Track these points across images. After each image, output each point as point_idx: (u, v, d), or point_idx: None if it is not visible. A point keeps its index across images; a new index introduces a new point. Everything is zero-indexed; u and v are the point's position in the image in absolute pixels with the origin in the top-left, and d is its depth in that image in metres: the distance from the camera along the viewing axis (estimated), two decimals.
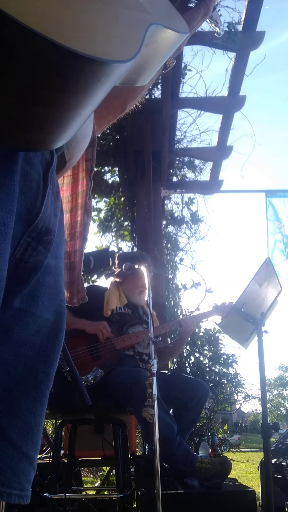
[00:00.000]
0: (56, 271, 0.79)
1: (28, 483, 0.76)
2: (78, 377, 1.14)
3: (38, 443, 0.78)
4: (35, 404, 0.76)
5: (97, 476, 4.88)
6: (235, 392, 4.66)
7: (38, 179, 0.70)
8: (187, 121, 5.30)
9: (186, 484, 2.22)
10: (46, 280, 0.77)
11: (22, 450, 0.74)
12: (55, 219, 0.76)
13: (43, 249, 0.74)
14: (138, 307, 2.79)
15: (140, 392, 2.03)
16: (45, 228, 0.73)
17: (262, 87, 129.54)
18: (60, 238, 0.82)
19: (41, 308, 0.76)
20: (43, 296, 0.76)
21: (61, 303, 0.81)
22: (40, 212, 0.71)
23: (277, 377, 43.71)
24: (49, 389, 0.79)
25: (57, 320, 0.80)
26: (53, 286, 0.79)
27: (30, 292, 0.75)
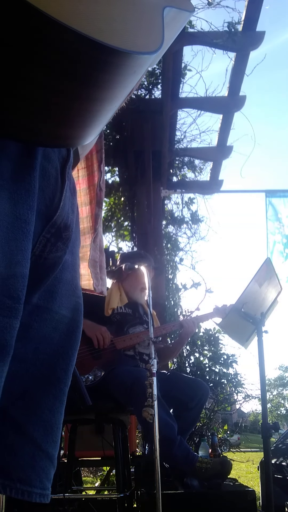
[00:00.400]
0: (73, 267, 0.79)
1: (49, 482, 0.75)
2: (78, 377, 1.14)
3: (58, 441, 0.77)
4: (54, 401, 0.76)
5: (97, 476, 4.88)
6: (235, 392, 4.66)
7: (56, 175, 0.70)
8: (187, 121, 5.31)
9: (186, 484, 2.22)
10: (64, 276, 0.77)
11: (42, 448, 0.74)
12: (72, 215, 0.76)
13: (62, 245, 0.74)
14: (138, 307, 2.79)
15: (140, 392, 2.03)
16: (64, 224, 0.73)
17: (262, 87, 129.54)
18: (76, 235, 0.82)
19: (58, 305, 0.76)
20: (60, 292, 0.76)
21: (78, 300, 0.81)
22: (59, 208, 0.71)
23: (277, 377, 43.74)
24: (67, 386, 0.79)
25: (74, 316, 0.80)
26: (70, 283, 0.78)
27: (48, 288, 0.75)
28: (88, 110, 0.56)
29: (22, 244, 0.63)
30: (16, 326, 0.63)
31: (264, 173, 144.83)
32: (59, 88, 0.52)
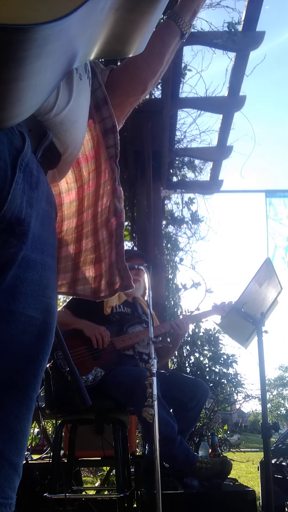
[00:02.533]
0: (42, 266, 0.74)
1: (12, 491, 0.70)
2: (78, 377, 1.14)
3: (24, 449, 0.73)
4: (21, 407, 0.72)
5: (97, 476, 4.88)
6: (235, 392, 4.66)
7: (4, 167, 0.67)
8: (187, 121, 5.31)
9: (186, 484, 2.22)
10: (29, 276, 0.72)
11: (4, 456, 0.69)
12: (30, 209, 0.71)
13: (15, 241, 0.69)
14: (137, 306, 2.79)
15: (141, 391, 2.03)
16: (15, 219, 0.69)
17: (262, 87, 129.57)
18: (48, 232, 0.77)
19: (23, 305, 0.71)
20: (25, 292, 0.71)
21: (49, 301, 0.76)
22: (7, 201, 0.67)
23: (277, 377, 43.72)
24: (37, 392, 0.75)
25: (45, 318, 0.75)
26: (38, 282, 0.73)
27: (9, 289, 0.69)
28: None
29: None
30: None
31: (264, 173, 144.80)
32: None
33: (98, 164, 1.00)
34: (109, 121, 0.98)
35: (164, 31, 1.07)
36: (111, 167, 0.97)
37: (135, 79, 1.07)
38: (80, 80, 0.85)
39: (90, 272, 1.01)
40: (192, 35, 3.71)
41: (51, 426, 4.54)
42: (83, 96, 0.87)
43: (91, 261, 1.01)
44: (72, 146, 0.86)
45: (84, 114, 0.89)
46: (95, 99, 0.97)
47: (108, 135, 0.98)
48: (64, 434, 2.76)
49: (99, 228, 1.00)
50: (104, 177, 0.99)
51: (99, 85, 0.98)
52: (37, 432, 4.81)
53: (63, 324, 2.48)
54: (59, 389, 2.24)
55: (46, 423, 4.40)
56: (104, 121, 0.98)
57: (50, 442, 3.96)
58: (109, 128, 0.98)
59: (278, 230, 4.80)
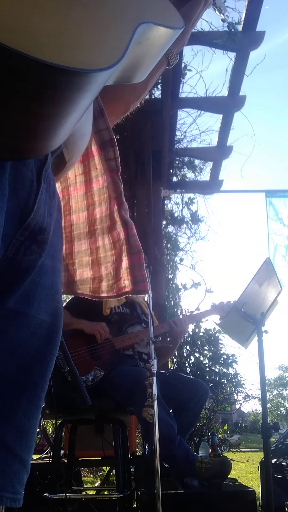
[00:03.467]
0: (53, 272, 0.78)
1: (21, 486, 0.74)
2: (78, 377, 1.14)
3: (32, 446, 0.76)
4: (30, 406, 0.75)
5: (97, 476, 4.88)
6: (235, 392, 4.66)
7: (31, 177, 0.70)
8: (187, 121, 5.31)
9: (186, 484, 2.22)
10: (42, 281, 0.76)
11: (15, 452, 0.72)
12: (49, 218, 0.75)
13: (37, 249, 0.73)
14: (136, 306, 2.79)
15: (141, 391, 2.03)
16: (39, 227, 0.72)
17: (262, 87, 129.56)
18: (58, 239, 0.81)
19: (36, 309, 0.75)
20: (39, 297, 0.75)
21: (57, 304, 0.79)
22: (33, 211, 0.70)
23: (277, 377, 43.73)
24: (44, 391, 0.78)
25: (54, 321, 0.79)
26: (50, 287, 0.77)
27: (25, 293, 0.73)
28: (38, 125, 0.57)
29: None
30: None
31: (264, 173, 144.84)
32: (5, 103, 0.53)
33: (86, 169, 1.01)
34: (106, 134, 1.00)
35: None
36: (114, 181, 1.00)
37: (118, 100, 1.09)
38: None
39: (88, 273, 1.04)
40: (192, 35, 3.71)
41: (51, 426, 4.54)
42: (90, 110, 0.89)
43: (87, 263, 1.03)
44: (76, 157, 0.89)
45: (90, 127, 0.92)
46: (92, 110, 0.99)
47: (107, 148, 0.99)
48: (64, 434, 2.76)
49: (98, 233, 1.02)
50: (98, 184, 1.01)
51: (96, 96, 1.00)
52: (37, 432, 4.81)
53: (62, 325, 2.48)
54: (59, 389, 2.24)
55: (46, 423, 4.41)
56: (100, 133, 1.00)
57: (50, 442, 3.96)
58: (106, 140, 1.00)
59: (279, 229, 4.80)
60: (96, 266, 1.03)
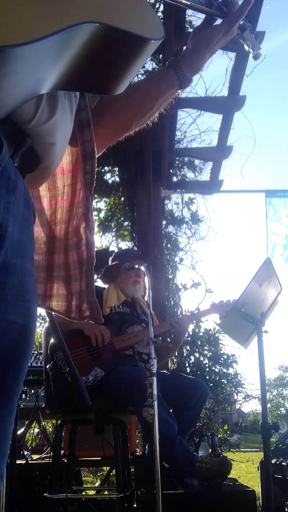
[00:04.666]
0: (21, 271, 0.75)
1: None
2: (78, 377, 1.14)
3: (5, 452, 0.73)
4: (2, 410, 0.72)
5: (97, 476, 4.88)
6: (235, 392, 4.67)
7: None
8: (187, 121, 5.30)
9: (186, 484, 2.22)
10: (9, 281, 0.73)
11: None
12: (6, 214, 0.71)
13: None
14: (136, 306, 2.79)
15: (141, 391, 2.03)
16: None
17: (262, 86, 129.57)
18: (27, 236, 0.78)
19: (4, 311, 0.72)
20: (5, 298, 0.72)
21: (29, 305, 0.76)
22: None
23: (277, 377, 43.71)
24: (17, 395, 0.75)
25: (26, 322, 0.76)
26: (18, 287, 0.74)
27: None
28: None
29: None
30: None
31: (264, 173, 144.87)
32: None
33: (74, 180, 0.99)
34: (89, 145, 0.97)
35: (163, 79, 1.06)
36: (86, 195, 0.97)
37: (121, 114, 1.06)
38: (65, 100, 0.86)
39: (63, 289, 1.01)
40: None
41: (51, 426, 4.54)
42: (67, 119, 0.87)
43: (63, 278, 1.01)
44: (47, 162, 0.87)
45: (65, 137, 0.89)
46: (79, 119, 0.97)
47: (86, 160, 0.97)
48: (64, 434, 2.76)
49: (70, 248, 1.00)
50: (79, 197, 0.99)
51: (85, 106, 0.98)
52: (37, 432, 4.81)
53: (62, 325, 2.47)
54: (59, 389, 2.24)
55: (46, 423, 4.41)
56: (85, 144, 0.98)
57: (50, 442, 3.96)
58: (88, 152, 0.97)
59: (278, 228, 4.81)
60: (68, 283, 1.01)
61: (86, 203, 0.97)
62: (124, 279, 2.78)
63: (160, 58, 3.76)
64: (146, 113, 1.06)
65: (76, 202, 1.00)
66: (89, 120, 0.98)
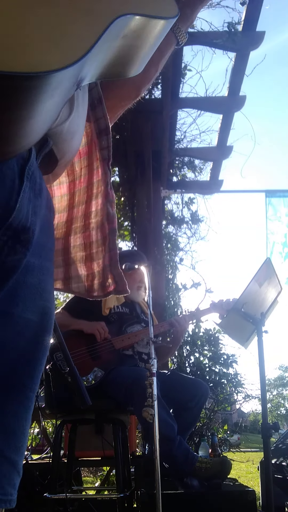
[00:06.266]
0: (40, 270, 0.76)
1: (12, 487, 0.72)
2: (78, 377, 1.14)
3: (23, 447, 0.75)
4: (19, 407, 0.74)
5: (97, 476, 4.88)
6: (235, 392, 4.66)
7: (13, 176, 0.68)
8: (187, 121, 5.31)
9: (186, 484, 2.22)
10: (28, 280, 0.74)
11: (4, 454, 0.71)
12: (34, 217, 0.73)
13: (21, 248, 0.71)
14: (135, 306, 2.79)
15: (141, 391, 2.03)
16: (22, 227, 0.70)
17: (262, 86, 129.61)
18: (47, 237, 0.79)
19: (22, 309, 0.73)
20: (24, 296, 0.73)
21: (46, 303, 0.78)
22: (15, 210, 0.68)
23: (277, 377, 43.71)
24: (34, 392, 0.76)
25: (42, 321, 0.77)
26: (36, 286, 0.75)
27: (9, 292, 0.71)
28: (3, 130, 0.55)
29: None
30: None
31: (264, 173, 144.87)
32: None
33: (90, 161, 1.00)
34: (103, 122, 0.98)
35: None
36: (104, 170, 0.98)
37: (129, 84, 1.06)
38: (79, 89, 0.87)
39: (82, 270, 1.02)
40: (192, 35, 3.71)
41: (51, 426, 4.54)
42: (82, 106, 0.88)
43: (81, 259, 1.01)
44: (68, 154, 0.87)
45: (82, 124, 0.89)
46: (91, 98, 0.97)
47: (102, 136, 0.97)
48: (64, 434, 2.76)
49: (92, 227, 1.01)
50: (97, 176, 0.99)
51: (95, 84, 0.98)
52: (37, 432, 4.81)
53: (61, 326, 2.48)
54: (59, 389, 2.24)
55: (46, 423, 4.41)
56: (98, 121, 0.98)
57: (50, 442, 3.96)
58: (103, 129, 0.98)
59: (277, 227, 4.82)
60: (89, 262, 1.01)
61: (104, 178, 0.97)
62: (129, 283, 2.75)
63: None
64: (152, 77, 1.07)
65: (94, 182, 1.00)
66: (100, 97, 0.98)
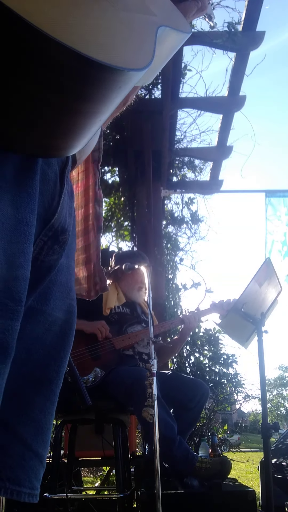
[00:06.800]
0: (67, 270, 0.80)
1: (38, 482, 0.76)
2: (78, 377, 1.14)
3: (48, 441, 0.78)
4: (45, 402, 0.76)
5: (97, 476, 4.88)
6: (235, 392, 4.66)
7: (55, 179, 0.71)
8: (187, 121, 5.31)
9: (186, 484, 2.22)
10: (58, 279, 0.77)
11: (32, 448, 0.74)
12: (70, 219, 0.76)
13: (58, 249, 0.74)
14: (136, 306, 2.79)
15: (141, 391, 2.03)
16: (61, 228, 0.73)
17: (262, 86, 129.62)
18: (74, 238, 0.83)
19: (52, 307, 0.76)
20: (54, 294, 0.77)
21: (71, 302, 0.81)
22: (57, 211, 0.71)
23: (277, 377, 43.70)
24: (59, 387, 0.79)
25: (67, 319, 0.80)
26: (65, 285, 0.79)
27: (43, 290, 0.75)
28: (75, 123, 0.57)
29: (24, 247, 0.64)
30: (17, 329, 0.64)
31: (264, 173, 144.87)
32: (45, 99, 0.53)
33: (86, 166, 1.02)
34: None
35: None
36: (93, 171, 1.00)
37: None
38: None
39: (83, 272, 1.05)
40: (192, 35, 3.70)
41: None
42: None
43: (83, 261, 1.04)
44: (84, 155, 0.90)
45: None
46: None
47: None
48: (64, 434, 2.76)
49: (90, 230, 1.03)
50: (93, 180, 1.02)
51: None
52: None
53: None
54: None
55: None
56: None
57: (50, 442, 3.96)
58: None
59: (276, 225, 4.83)
60: (88, 264, 1.04)
61: (93, 179, 1.00)
62: (130, 284, 2.76)
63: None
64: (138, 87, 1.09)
65: (90, 185, 1.02)
66: None
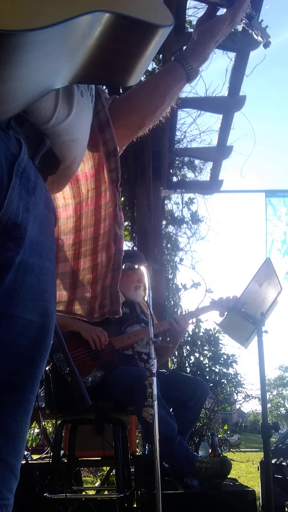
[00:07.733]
0: (40, 271, 0.75)
1: (8, 492, 0.70)
2: (78, 377, 1.14)
3: (21, 451, 0.73)
4: (18, 409, 0.72)
5: (97, 476, 4.88)
6: (235, 392, 4.66)
7: (1, 173, 0.68)
8: (187, 121, 5.31)
9: (186, 484, 2.22)
10: (27, 280, 0.73)
11: (1, 457, 0.69)
12: (26, 214, 0.72)
13: (12, 245, 0.70)
14: (135, 306, 2.79)
15: (141, 391, 2.03)
16: (12, 223, 0.70)
17: (262, 87, 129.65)
18: (47, 236, 0.78)
19: (21, 309, 0.72)
20: (23, 296, 0.72)
21: (46, 304, 0.77)
22: (3, 206, 0.68)
23: (277, 377, 43.70)
24: (34, 394, 0.75)
25: (44, 322, 0.76)
26: (36, 286, 0.75)
27: (8, 293, 0.70)
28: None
29: None
30: None
31: (264, 173, 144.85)
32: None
33: (98, 183, 1.00)
34: (111, 144, 0.99)
35: (170, 73, 1.07)
36: (113, 191, 0.98)
37: (133, 114, 1.07)
38: (82, 97, 0.87)
39: (88, 292, 1.02)
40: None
41: (51, 426, 4.54)
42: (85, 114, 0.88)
43: (88, 281, 1.02)
44: (69, 160, 0.87)
45: (84, 132, 0.89)
46: (99, 120, 0.98)
47: (110, 158, 0.98)
48: (64, 434, 2.76)
49: (99, 249, 1.01)
50: (105, 199, 1.00)
51: (102, 106, 0.99)
52: (37, 432, 4.81)
53: (61, 326, 2.45)
54: (59, 389, 2.24)
55: (46, 423, 4.40)
56: (107, 143, 0.99)
57: (50, 442, 3.96)
58: (111, 151, 0.99)
59: (276, 225, 4.84)
60: (94, 285, 1.01)
61: (113, 200, 0.99)
62: (126, 283, 2.75)
63: (160, 58, 3.76)
64: (157, 109, 1.08)
65: (102, 204, 1.01)
66: (108, 119, 0.99)
